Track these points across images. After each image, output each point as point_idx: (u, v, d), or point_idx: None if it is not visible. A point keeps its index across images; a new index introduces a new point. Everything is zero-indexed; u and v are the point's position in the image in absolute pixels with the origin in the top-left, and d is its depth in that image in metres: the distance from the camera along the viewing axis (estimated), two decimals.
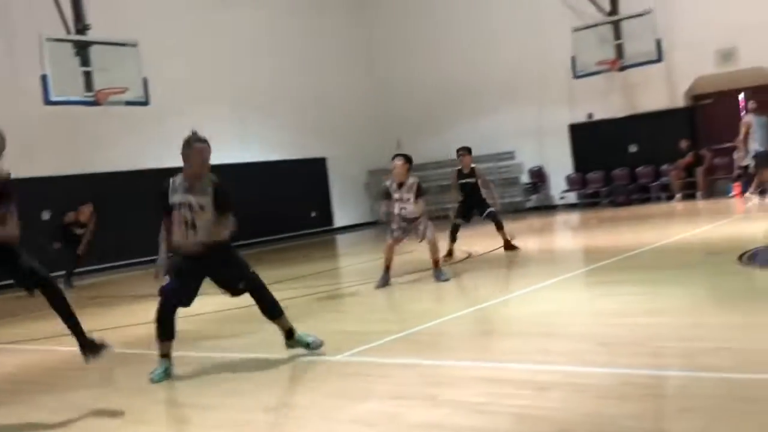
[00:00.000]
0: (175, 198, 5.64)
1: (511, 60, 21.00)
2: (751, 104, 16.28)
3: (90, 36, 14.29)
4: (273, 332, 7.31)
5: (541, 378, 4.60)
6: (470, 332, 6.21)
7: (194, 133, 5.79)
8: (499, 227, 11.29)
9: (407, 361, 5.35)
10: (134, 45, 14.31)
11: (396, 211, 9.25)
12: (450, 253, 11.14)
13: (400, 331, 6.44)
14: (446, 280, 9.02)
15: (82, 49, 13.79)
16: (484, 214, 11.33)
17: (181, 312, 5.77)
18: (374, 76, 23.96)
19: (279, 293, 9.78)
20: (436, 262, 9.23)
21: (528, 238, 14.32)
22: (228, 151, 19.15)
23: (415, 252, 10.90)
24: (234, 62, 20.06)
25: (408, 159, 9.32)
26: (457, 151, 11.66)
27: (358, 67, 23.80)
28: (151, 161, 16.29)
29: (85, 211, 13.66)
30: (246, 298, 5.94)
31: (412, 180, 9.20)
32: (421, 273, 10.12)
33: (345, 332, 6.80)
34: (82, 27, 14.39)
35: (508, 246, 11.33)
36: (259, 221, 15.71)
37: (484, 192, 11.47)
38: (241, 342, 7.26)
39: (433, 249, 9.21)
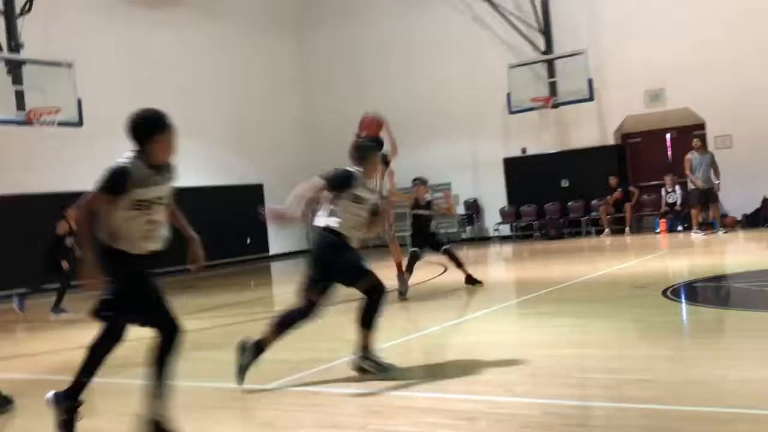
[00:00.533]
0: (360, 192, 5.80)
1: (448, 92, 21.37)
2: (695, 142, 16.96)
3: (23, 54, 13.98)
4: (202, 360, 7.24)
5: (468, 407, 4.66)
6: (402, 361, 6.23)
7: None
8: (459, 264, 10.95)
9: (339, 390, 5.34)
10: (69, 65, 14.06)
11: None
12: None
13: (332, 359, 6.42)
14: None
15: (15, 68, 13.48)
16: (441, 250, 11.07)
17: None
18: (310, 105, 24.06)
19: (205, 321, 9.78)
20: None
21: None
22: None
23: None
24: (171, 86, 19.87)
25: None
26: (413, 181, 11.52)
27: (295, 93, 23.87)
28: (79, 183, 15.88)
29: (73, 215, 12.53)
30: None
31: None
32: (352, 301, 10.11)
33: (276, 360, 6.72)
34: (15, 45, 14.08)
35: (470, 280, 10.93)
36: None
37: (433, 225, 11.46)
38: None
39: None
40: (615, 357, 5.88)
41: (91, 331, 4.62)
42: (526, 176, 20.44)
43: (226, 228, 20.57)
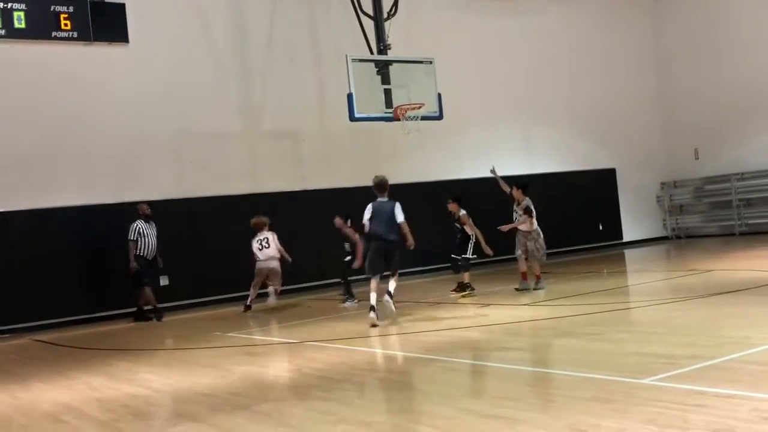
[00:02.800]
0: None
1: None
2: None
3: (390, 55, 15.10)
4: (571, 350, 7.17)
5: None
6: None
7: None
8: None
9: (728, 391, 4.89)
10: (430, 62, 14.87)
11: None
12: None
13: (712, 356, 5.94)
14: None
15: (383, 68, 14.60)
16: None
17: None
18: (666, 82, 22.66)
19: (562, 309, 9.71)
20: (523, 274, 12.07)
21: None
22: (515, 163, 19.27)
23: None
24: (519, 74, 20.11)
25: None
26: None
27: (648, 75, 22.66)
28: (443, 173, 16.92)
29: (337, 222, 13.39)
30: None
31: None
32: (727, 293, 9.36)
33: (646, 354, 6.43)
34: (383, 47, 15.26)
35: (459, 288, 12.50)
36: (545, 233, 15.45)
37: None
38: (535, 356, 7.19)
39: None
40: None
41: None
42: None
43: (577, 214, 20.30)
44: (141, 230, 13.46)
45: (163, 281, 14.82)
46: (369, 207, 10.19)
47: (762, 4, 20.11)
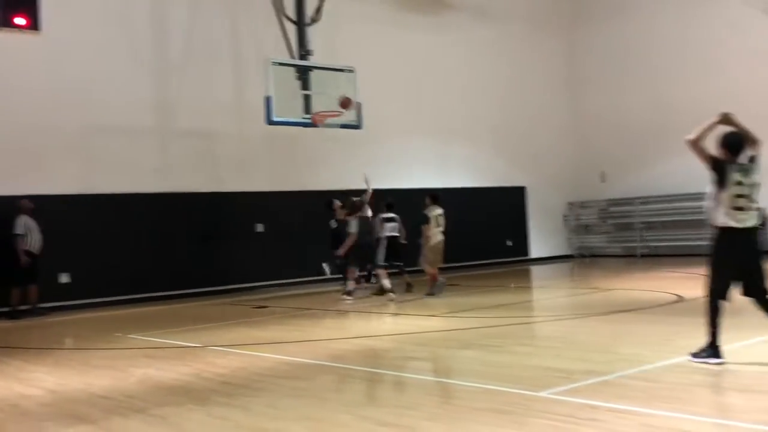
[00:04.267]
0: None
1: (731, 90, 19.61)
2: None
3: (311, 61, 15.07)
4: (473, 360, 7.30)
5: None
6: (686, 383, 5.79)
7: None
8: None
9: (619, 406, 5.06)
10: (351, 70, 14.90)
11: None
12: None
13: (606, 373, 6.15)
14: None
15: (303, 74, 14.55)
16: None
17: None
18: (578, 105, 23.42)
19: (469, 321, 9.90)
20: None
21: None
22: (429, 177, 19.53)
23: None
24: (438, 89, 20.40)
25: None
26: None
27: (561, 97, 23.38)
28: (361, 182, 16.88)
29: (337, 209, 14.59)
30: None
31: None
32: (621, 312, 9.71)
33: (544, 368, 6.61)
34: (304, 52, 15.22)
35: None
36: (455, 247, 15.75)
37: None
38: (439, 366, 7.28)
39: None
40: None
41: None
42: None
43: (488, 229, 20.70)
44: (28, 225, 13.08)
45: (65, 279, 14.35)
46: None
47: (672, 35, 21.03)
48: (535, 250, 22.47)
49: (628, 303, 10.95)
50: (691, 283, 12.60)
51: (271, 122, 13.96)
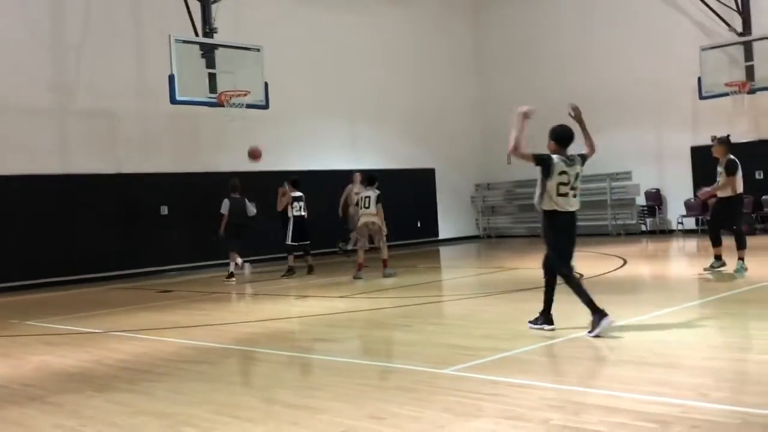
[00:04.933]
0: None
1: (633, 76, 20.36)
2: None
3: (216, 39, 14.74)
4: (381, 341, 7.34)
5: (659, 410, 4.37)
6: (584, 357, 5.99)
7: None
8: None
9: (520, 381, 5.19)
10: (258, 50, 14.67)
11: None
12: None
13: (509, 349, 6.29)
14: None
15: (208, 52, 14.24)
16: None
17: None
18: (485, 89, 23.77)
19: (378, 302, 9.96)
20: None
21: (641, 262, 13.85)
22: (340, 158, 19.48)
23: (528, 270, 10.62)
24: (347, 71, 20.32)
25: None
26: None
27: (469, 80, 23.69)
28: (269, 164, 16.68)
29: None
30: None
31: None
32: (524, 291, 9.95)
33: (450, 345, 6.71)
34: (209, 30, 14.87)
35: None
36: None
37: None
38: (347, 347, 7.30)
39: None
40: None
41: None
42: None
43: (398, 211, 20.80)
44: None
45: None
46: None
47: (579, 20, 21.58)
48: (444, 231, 22.78)
49: (531, 282, 11.18)
50: (592, 262, 13.04)
51: (174, 101, 13.62)
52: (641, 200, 20.67)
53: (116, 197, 15.82)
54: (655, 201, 20.49)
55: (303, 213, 14.10)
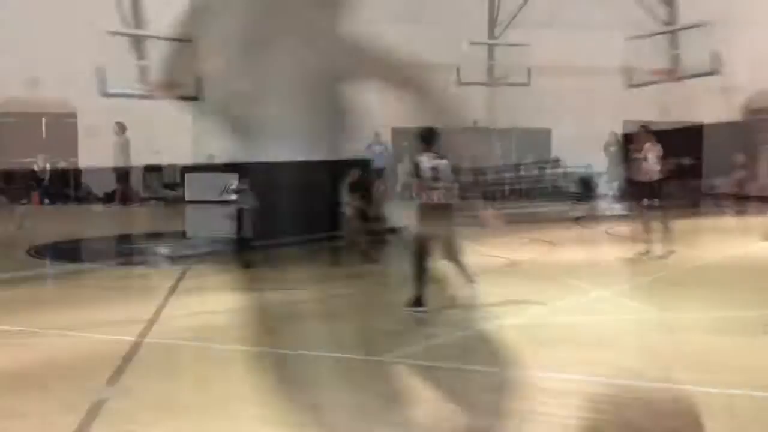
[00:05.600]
0: None
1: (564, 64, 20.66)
2: None
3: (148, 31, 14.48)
4: (317, 330, 7.26)
5: (587, 390, 4.50)
6: (519, 341, 6.10)
7: None
8: None
9: (457, 365, 5.25)
10: (189, 40, 14.45)
11: None
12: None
13: (445, 334, 6.34)
14: None
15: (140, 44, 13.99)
16: None
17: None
18: None
19: (315, 293, 9.72)
20: None
21: (571, 247, 14.07)
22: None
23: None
24: None
25: None
26: None
27: None
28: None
29: None
30: None
31: None
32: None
33: (386, 332, 6.66)
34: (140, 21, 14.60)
35: None
36: None
37: None
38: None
39: None
40: (745, 346, 5.59)
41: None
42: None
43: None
44: None
45: None
46: None
47: None
48: None
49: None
50: (523, 247, 13.11)
51: (105, 94, 13.33)
52: (572, 187, 21.10)
53: None
54: (586, 187, 20.92)
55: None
